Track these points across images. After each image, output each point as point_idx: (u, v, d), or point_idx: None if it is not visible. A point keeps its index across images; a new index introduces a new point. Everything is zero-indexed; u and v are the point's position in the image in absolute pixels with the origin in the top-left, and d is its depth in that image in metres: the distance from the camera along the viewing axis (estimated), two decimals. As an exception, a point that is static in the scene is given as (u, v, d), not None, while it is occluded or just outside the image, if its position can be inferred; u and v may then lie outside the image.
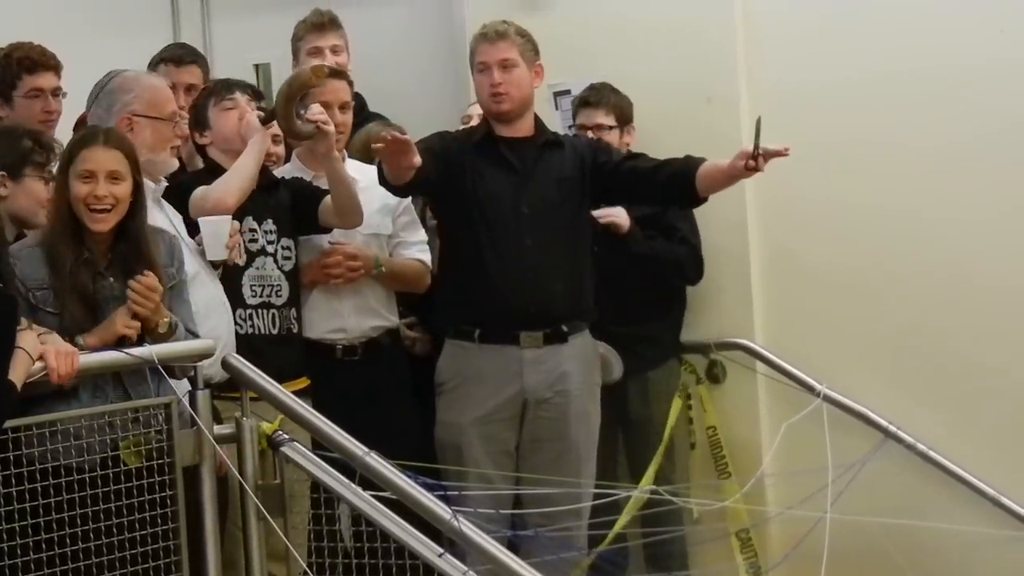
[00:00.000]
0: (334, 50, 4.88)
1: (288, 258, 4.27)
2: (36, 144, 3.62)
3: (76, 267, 3.42)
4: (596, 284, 4.45)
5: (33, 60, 4.27)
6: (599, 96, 4.86)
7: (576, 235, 4.37)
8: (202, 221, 3.94)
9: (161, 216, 3.90)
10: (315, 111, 4.16)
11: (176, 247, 3.69)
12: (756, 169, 4.03)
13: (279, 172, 4.44)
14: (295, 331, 4.25)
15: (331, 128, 4.16)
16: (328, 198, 4.25)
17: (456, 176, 4.28)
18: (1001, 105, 4.67)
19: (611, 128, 4.82)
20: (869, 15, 4.86)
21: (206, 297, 3.92)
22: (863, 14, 4.87)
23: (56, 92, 4.34)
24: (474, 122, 4.63)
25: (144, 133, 3.84)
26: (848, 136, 4.88)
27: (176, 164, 4.06)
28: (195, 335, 3.60)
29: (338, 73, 4.54)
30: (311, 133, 4.17)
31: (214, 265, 4.03)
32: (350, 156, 4.52)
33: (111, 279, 3.48)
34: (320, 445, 3.59)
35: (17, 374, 3.12)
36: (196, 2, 6.02)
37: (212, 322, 3.87)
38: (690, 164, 4.25)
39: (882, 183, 4.82)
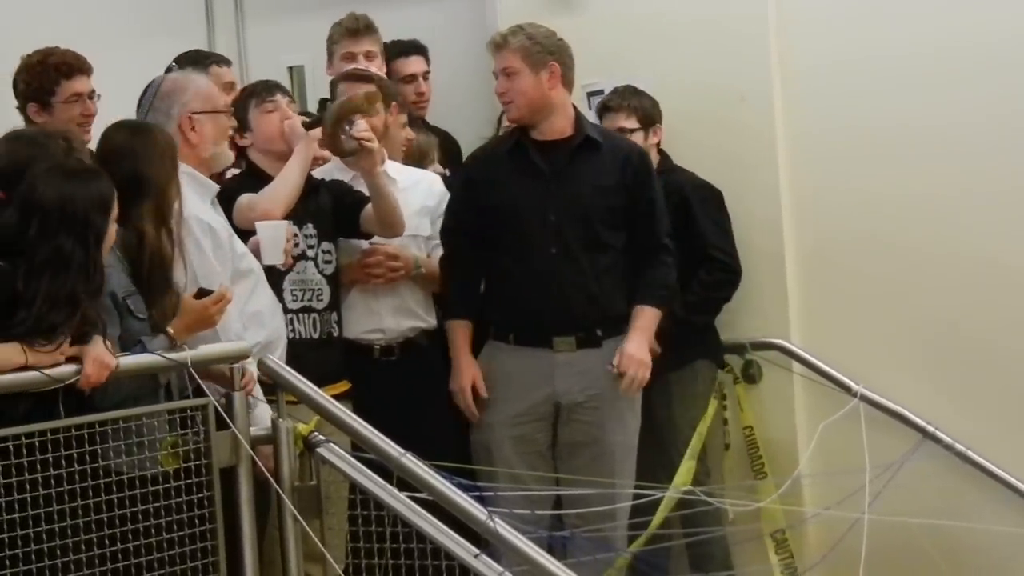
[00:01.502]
0: (368, 56, 4.89)
1: (328, 262, 4.28)
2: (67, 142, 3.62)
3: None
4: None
5: (70, 65, 4.31)
6: (620, 100, 4.84)
7: (610, 239, 4.35)
8: (260, 225, 3.98)
9: (216, 216, 3.92)
10: (360, 128, 4.16)
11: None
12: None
13: (319, 172, 4.44)
14: (336, 335, 4.26)
15: (375, 145, 4.16)
16: (370, 206, 4.26)
17: (483, 191, 4.31)
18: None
19: (633, 131, 4.80)
20: (902, 9, 4.81)
21: (268, 299, 3.97)
22: (896, 9, 4.82)
23: (91, 95, 4.38)
24: None
25: (205, 129, 3.91)
26: (884, 132, 4.84)
27: (232, 157, 4.09)
28: None
29: (363, 77, 4.53)
30: (354, 150, 4.18)
31: None
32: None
33: None
34: (358, 446, 3.60)
35: (4, 356, 3.10)
36: (230, 5, 6.04)
37: (276, 322, 3.95)
38: (641, 299, 4.33)
39: (920, 179, 4.77)
